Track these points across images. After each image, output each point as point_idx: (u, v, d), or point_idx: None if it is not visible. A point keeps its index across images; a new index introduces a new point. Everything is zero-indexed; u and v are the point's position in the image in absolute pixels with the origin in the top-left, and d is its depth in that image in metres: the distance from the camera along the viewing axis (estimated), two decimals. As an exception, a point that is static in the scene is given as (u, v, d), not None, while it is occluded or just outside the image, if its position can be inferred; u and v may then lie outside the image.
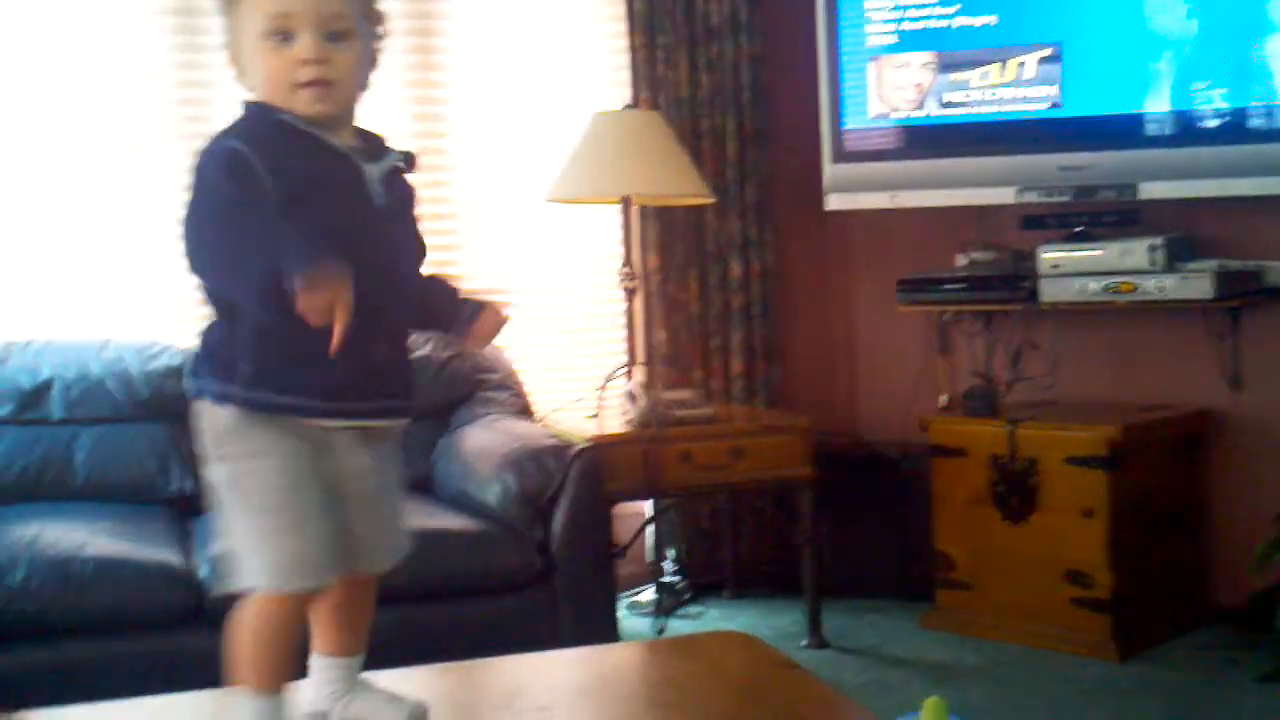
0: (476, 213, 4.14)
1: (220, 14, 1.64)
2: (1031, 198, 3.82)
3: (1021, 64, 3.83)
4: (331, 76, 1.60)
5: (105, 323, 3.74)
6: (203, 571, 2.85)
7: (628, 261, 3.92)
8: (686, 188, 3.79)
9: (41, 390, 3.43)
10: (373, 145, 1.68)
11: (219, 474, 1.63)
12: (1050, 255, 3.75)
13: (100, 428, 3.44)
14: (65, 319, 3.73)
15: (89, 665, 2.71)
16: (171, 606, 2.79)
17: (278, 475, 1.61)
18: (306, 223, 1.53)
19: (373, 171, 1.64)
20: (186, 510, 3.32)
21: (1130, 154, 3.69)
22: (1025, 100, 3.83)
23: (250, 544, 1.61)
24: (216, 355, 1.62)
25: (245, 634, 1.63)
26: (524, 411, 3.76)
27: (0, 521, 2.97)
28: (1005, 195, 3.85)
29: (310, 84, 1.59)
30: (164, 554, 2.89)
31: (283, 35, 1.58)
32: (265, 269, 1.47)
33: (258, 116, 1.61)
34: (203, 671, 2.52)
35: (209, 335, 1.65)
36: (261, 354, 1.58)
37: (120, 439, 3.44)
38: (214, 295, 1.62)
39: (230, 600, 1.67)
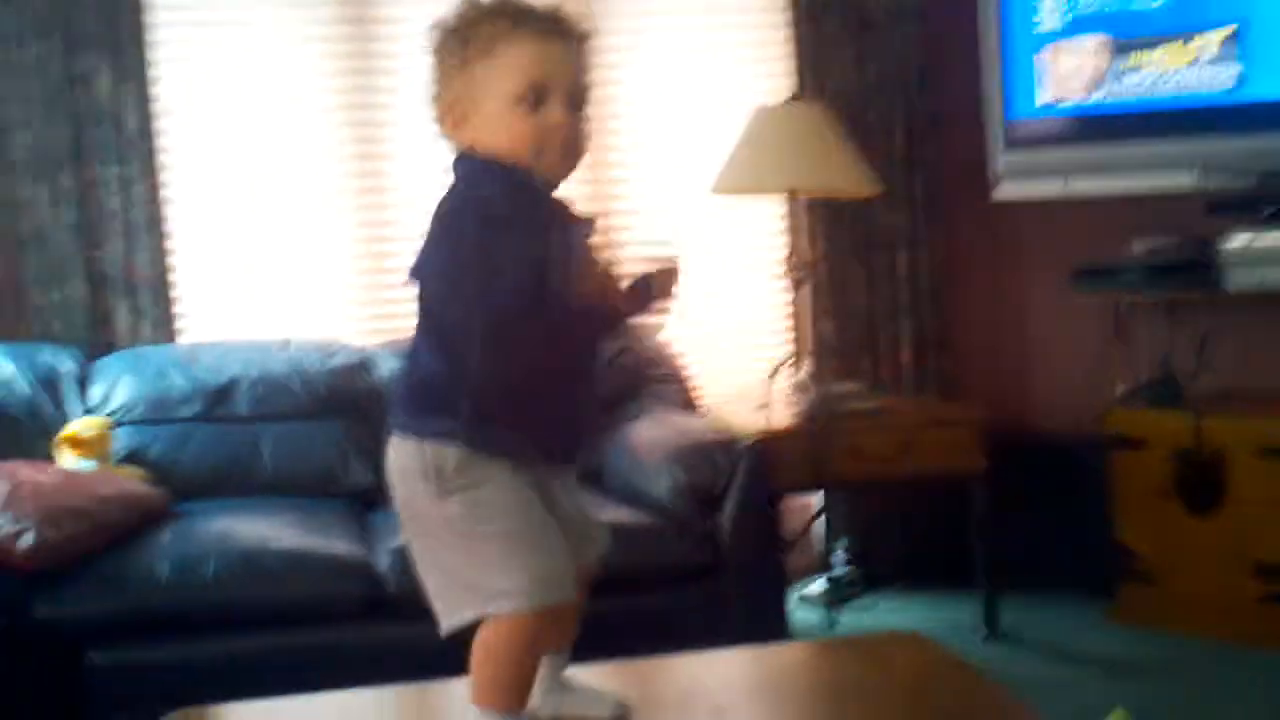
0: (642, 205, 4.16)
1: (446, 67, 1.64)
2: (1215, 182, 3.68)
3: (1202, 44, 3.68)
4: (577, 144, 1.65)
5: (287, 324, 3.88)
6: (383, 565, 2.92)
7: (793, 252, 3.90)
8: (850, 181, 3.75)
9: (228, 389, 3.56)
10: (567, 210, 1.71)
11: (449, 509, 1.63)
12: (1237, 241, 3.61)
13: (283, 424, 3.56)
14: (249, 321, 3.89)
15: (277, 655, 2.82)
16: (354, 599, 2.88)
17: (514, 498, 1.64)
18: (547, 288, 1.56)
19: (578, 238, 1.68)
20: (366, 503, 3.43)
21: (1321, 136, 3.53)
22: (1207, 81, 3.69)
23: (496, 568, 1.62)
24: (436, 398, 1.64)
25: (501, 657, 1.64)
26: (691, 405, 3.77)
27: (192, 516, 3.11)
28: (1186, 180, 3.71)
29: (558, 150, 1.63)
30: (346, 547, 2.98)
31: (538, 100, 1.61)
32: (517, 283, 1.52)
33: (505, 175, 1.62)
34: (383, 663, 2.60)
35: (426, 379, 1.67)
36: (487, 392, 1.61)
37: (302, 435, 3.55)
38: (442, 342, 1.64)
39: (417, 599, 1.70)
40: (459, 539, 1.64)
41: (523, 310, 1.55)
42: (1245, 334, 3.85)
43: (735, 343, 4.26)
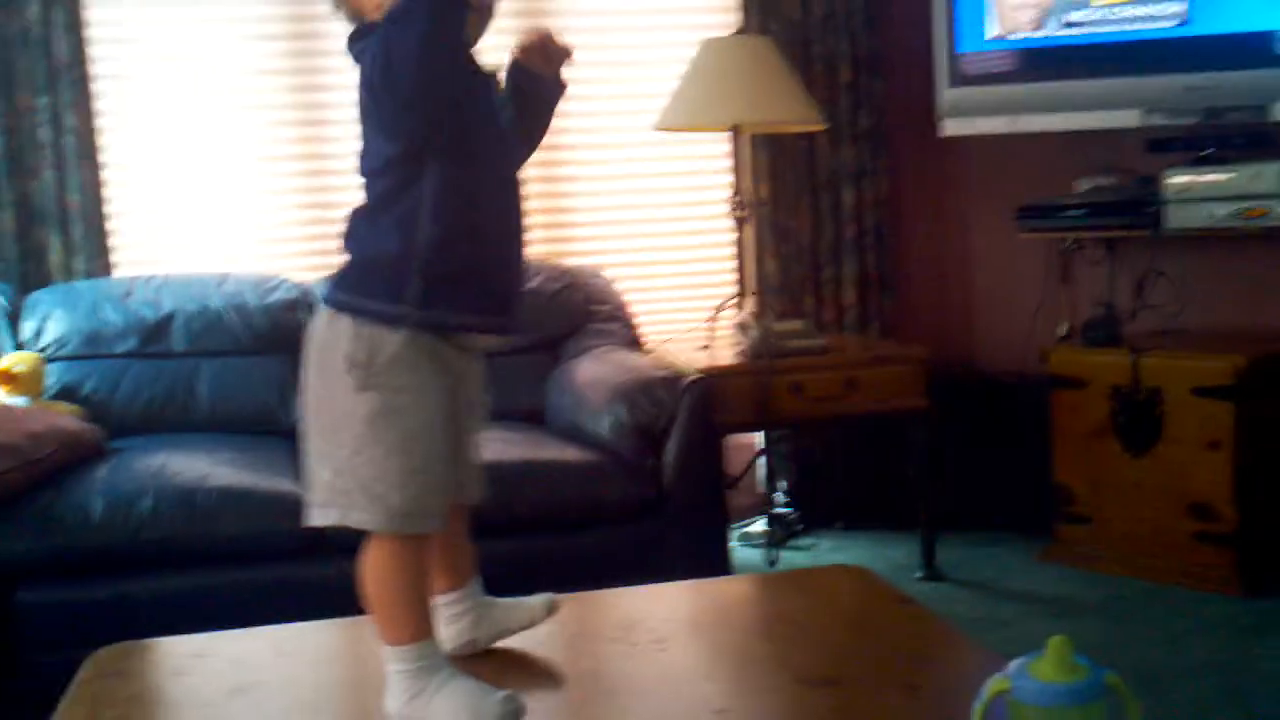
0: (586, 142, 4.12)
1: None
2: (1157, 120, 3.68)
3: (1149, -21, 3.68)
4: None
5: (225, 258, 3.82)
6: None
7: (738, 190, 3.88)
8: (797, 115, 3.72)
9: (164, 324, 3.50)
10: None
11: (365, 402, 1.56)
12: (1177, 179, 3.62)
13: (221, 360, 3.51)
14: (187, 255, 3.82)
15: (213, 593, 2.79)
16: (292, 536, 2.83)
17: (428, 415, 1.59)
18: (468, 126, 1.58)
19: (499, 92, 1.68)
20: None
21: (1261, 73, 3.53)
22: (1151, 19, 3.68)
23: (379, 480, 1.57)
24: (383, 273, 1.58)
25: (379, 582, 1.61)
26: (635, 343, 3.76)
27: (127, 452, 3.05)
28: (1130, 118, 3.72)
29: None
30: (284, 484, 2.93)
31: None
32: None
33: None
34: (321, 600, 2.58)
35: (372, 252, 1.60)
36: (436, 267, 1.57)
37: (240, 371, 3.50)
38: (387, 206, 1.59)
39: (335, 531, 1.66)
40: (358, 437, 1.57)
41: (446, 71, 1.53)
42: (1184, 272, 3.88)
43: (680, 281, 4.24)
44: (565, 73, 1.76)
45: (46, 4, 3.58)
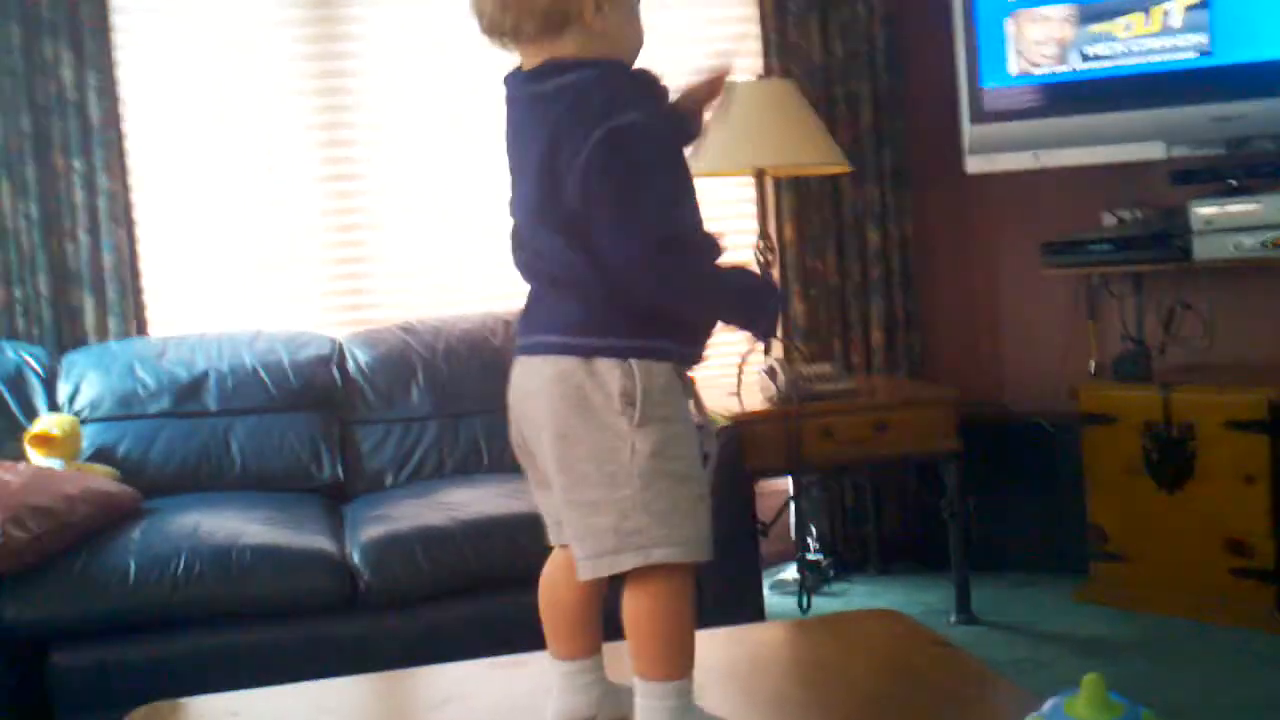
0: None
1: None
2: (1182, 151, 3.68)
3: (1167, 12, 3.68)
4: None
5: (256, 316, 3.85)
6: (356, 558, 2.90)
7: (763, 234, 3.88)
8: (821, 157, 3.73)
9: (198, 383, 3.53)
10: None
11: (646, 437, 1.52)
12: (1203, 211, 3.61)
13: (254, 418, 3.52)
14: (219, 313, 3.86)
15: (249, 652, 2.79)
16: (327, 593, 2.85)
17: (691, 443, 1.57)
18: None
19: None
20: (338, 498, 3.40)
21: (1286, 101, 3.53)
22: (1172, 50, 3.68)
23: (674, 512, 1.52)
24: (625, 312, 1.55)
25: (675, 618, 1.55)
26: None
27: (161, 513, 3.07)
28: (1154, 150, 3.71)
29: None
30: (319, 541, 2.95)
31: None
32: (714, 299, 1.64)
33: (644, 84, 1.75)
34: (357, 657, 2.58)
35: (604, 297, 1.57)
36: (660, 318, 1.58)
37: (273, 428, 3.52)
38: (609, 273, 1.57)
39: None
40: (639, 475, 1.52)
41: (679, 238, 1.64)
42: (1213, 304, 3.86)
43: (708, 326, 4.24)
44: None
45: (80, 67, 3.65)
